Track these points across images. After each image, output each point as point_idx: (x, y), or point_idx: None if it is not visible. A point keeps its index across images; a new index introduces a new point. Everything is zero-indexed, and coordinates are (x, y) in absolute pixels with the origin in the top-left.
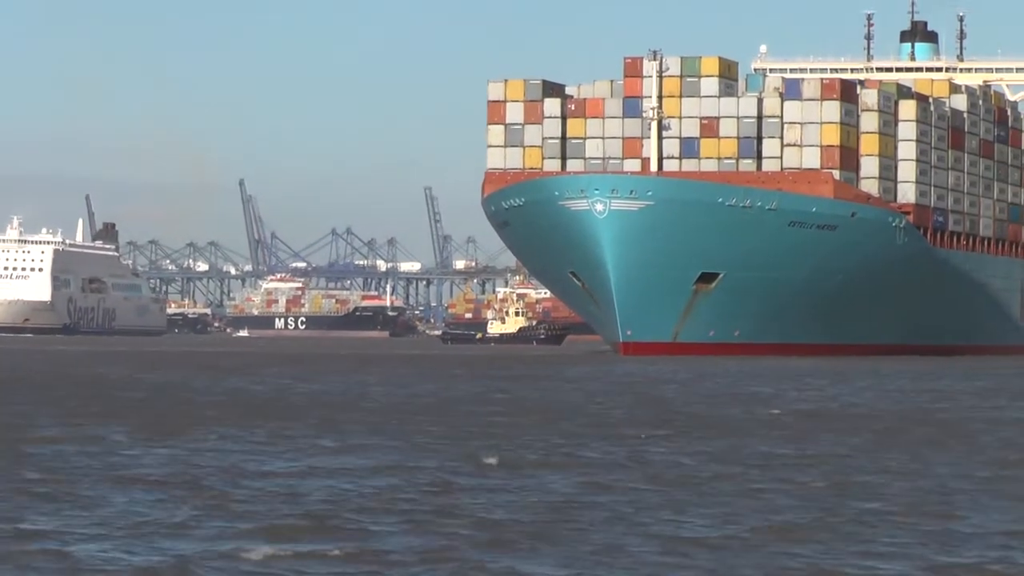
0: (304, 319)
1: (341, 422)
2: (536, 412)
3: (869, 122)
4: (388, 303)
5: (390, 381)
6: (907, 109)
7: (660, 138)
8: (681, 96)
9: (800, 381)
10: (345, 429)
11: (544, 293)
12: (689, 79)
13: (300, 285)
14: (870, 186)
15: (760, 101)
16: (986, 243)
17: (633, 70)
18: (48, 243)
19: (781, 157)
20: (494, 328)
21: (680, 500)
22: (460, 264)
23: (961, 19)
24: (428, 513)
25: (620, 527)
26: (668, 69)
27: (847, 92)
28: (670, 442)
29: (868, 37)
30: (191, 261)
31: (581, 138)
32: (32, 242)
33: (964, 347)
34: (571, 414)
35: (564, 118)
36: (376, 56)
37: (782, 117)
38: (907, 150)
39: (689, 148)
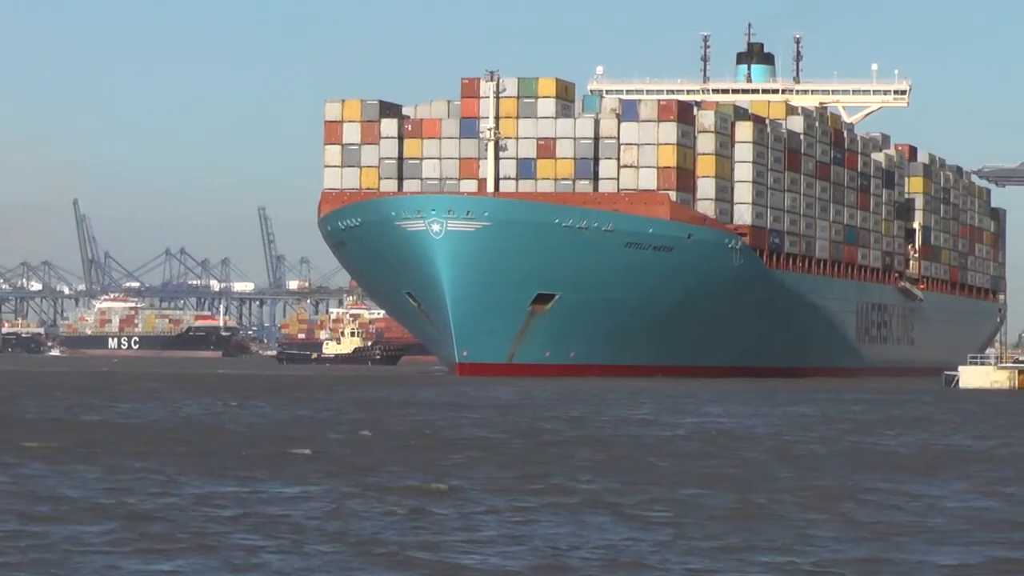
0: (137, 339)
1: None
2: None
3: (706, 143)
4: (221, 323)
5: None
6: (743, 131)
7: (497, 159)
8: (518, 117)
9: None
10: None
11: (378, 313)
12: (526, 100)
13: (134, 305)
14: (706, 207)
15: (597, 122)
16: (822, 265)
17: (470, 91)
18: None
19: (618, 178)
20: (329, 348)
21: None
22: (294, 284)
23: (798, 41)
24: None
25: None
26: (505, 90)
27: (684, 113)
28: None
29: (704, 59)
30: (24, 280)
31: (418, 158)
32: None
33: (800, 369)
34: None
35: (401, 138)
36: (210, 74)
37: (619, 138)
38: (743, 172)
39: (526, 169)
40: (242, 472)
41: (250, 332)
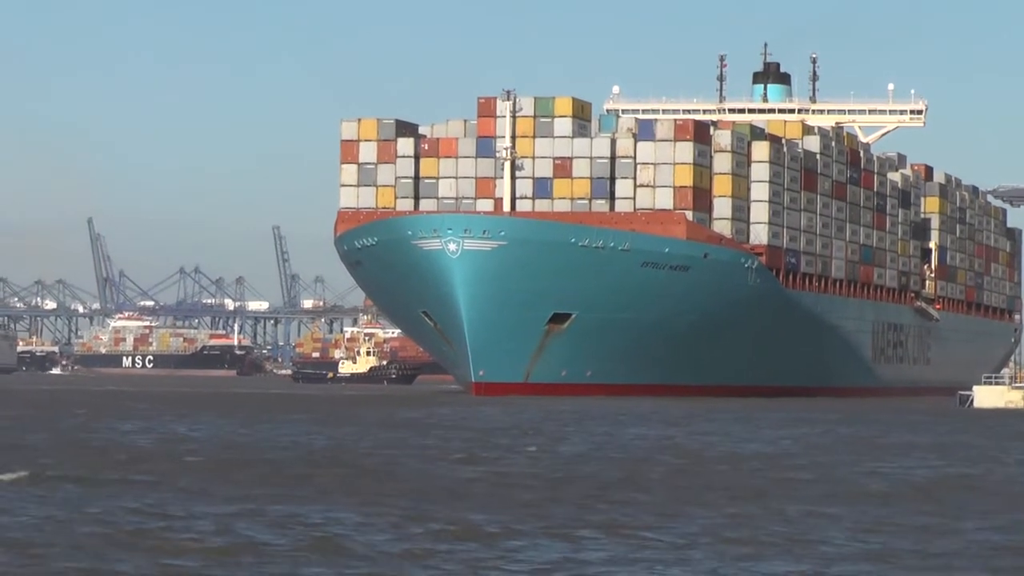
0: (152, 358)
1: None
2: None
3: (722, 163)
4: (236, 342)
5: None
6: (760, 150)
7: (513, 178)
8: (534, 136)
9: None
10: None
11: (392, 332)
12: (542, 119)
13: (148, 324)
14: (723, 227)
15: (613, 142)
16: (838, 285)
17: (486, 110)
18: None
19: (634, 198)
20: (345, 368)
21: None
22: (308, 303)
23: (814, 61)
24: None
25: None
26: (521, 109)
27: (700, 133)
28: None
29: (721, 78)
30: (39, 299)
31: (434, 178)
32: None
33: (816, 388)
34: None
35: (417, 157)
36: (226, 93)
37: (635, 158)
38: (760, 191)
39: (542, 188)
40: None
41: (264, 351)
